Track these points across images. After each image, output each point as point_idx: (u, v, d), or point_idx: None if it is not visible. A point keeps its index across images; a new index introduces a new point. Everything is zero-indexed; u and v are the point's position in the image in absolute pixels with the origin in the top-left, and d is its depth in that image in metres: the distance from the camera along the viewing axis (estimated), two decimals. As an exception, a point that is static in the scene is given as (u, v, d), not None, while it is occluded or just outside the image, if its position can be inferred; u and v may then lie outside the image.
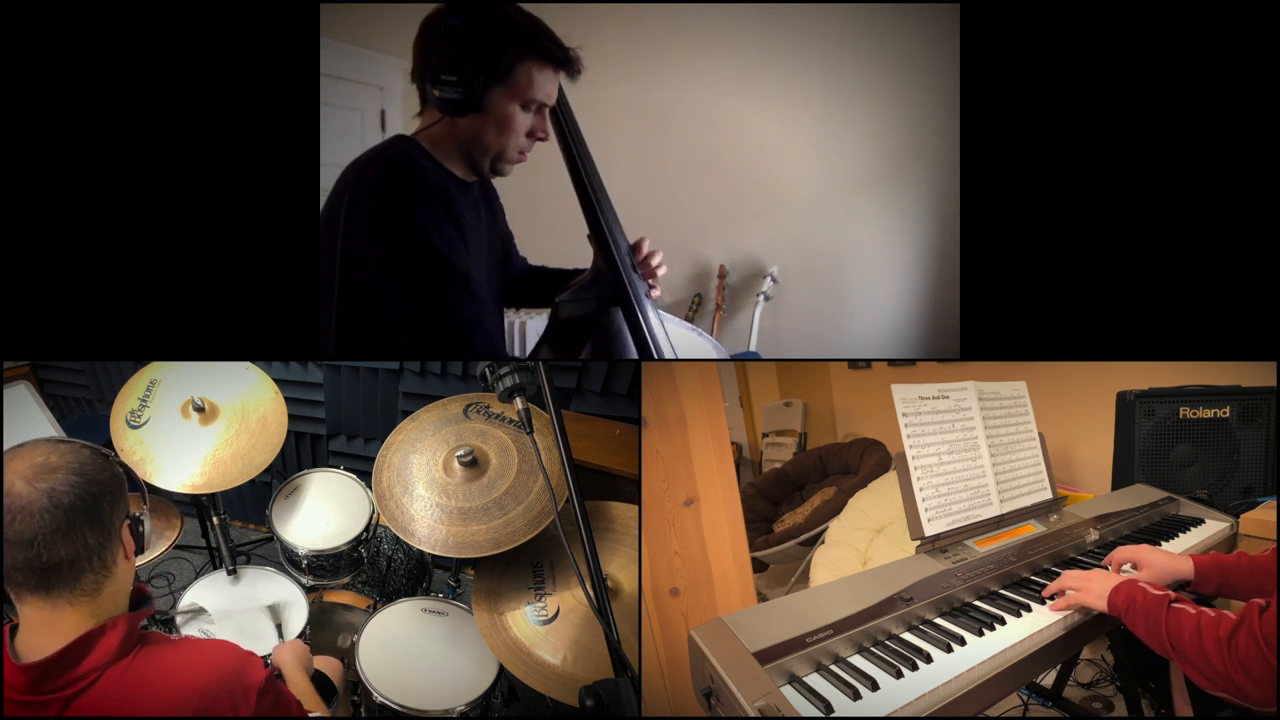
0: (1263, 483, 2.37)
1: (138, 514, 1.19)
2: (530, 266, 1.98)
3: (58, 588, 1.08)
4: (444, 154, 1.59)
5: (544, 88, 1.56)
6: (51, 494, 1.05)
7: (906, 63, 3.34)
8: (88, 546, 1.08)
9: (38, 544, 1.04)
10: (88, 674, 1.07)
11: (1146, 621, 1.31)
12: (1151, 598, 1.33)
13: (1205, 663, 1.21)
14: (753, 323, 3.47)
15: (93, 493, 1.09)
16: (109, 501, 1.11)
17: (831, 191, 3.53)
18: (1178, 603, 1.30)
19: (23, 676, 1.06)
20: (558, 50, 1.55)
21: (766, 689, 1.11)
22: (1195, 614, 1.26)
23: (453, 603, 2.18)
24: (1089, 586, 1.43)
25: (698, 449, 1.81)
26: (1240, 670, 1.16)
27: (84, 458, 1.11)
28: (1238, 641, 1.17)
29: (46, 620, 1.09)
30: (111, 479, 1.13)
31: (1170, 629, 1.27)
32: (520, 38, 1.52)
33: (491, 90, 1.51)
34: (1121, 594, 1.37)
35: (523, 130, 1.58)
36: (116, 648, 1.09)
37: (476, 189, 1.69)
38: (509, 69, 1.51)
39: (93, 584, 1.10)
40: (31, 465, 1.07)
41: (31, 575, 1.06)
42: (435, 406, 2.18)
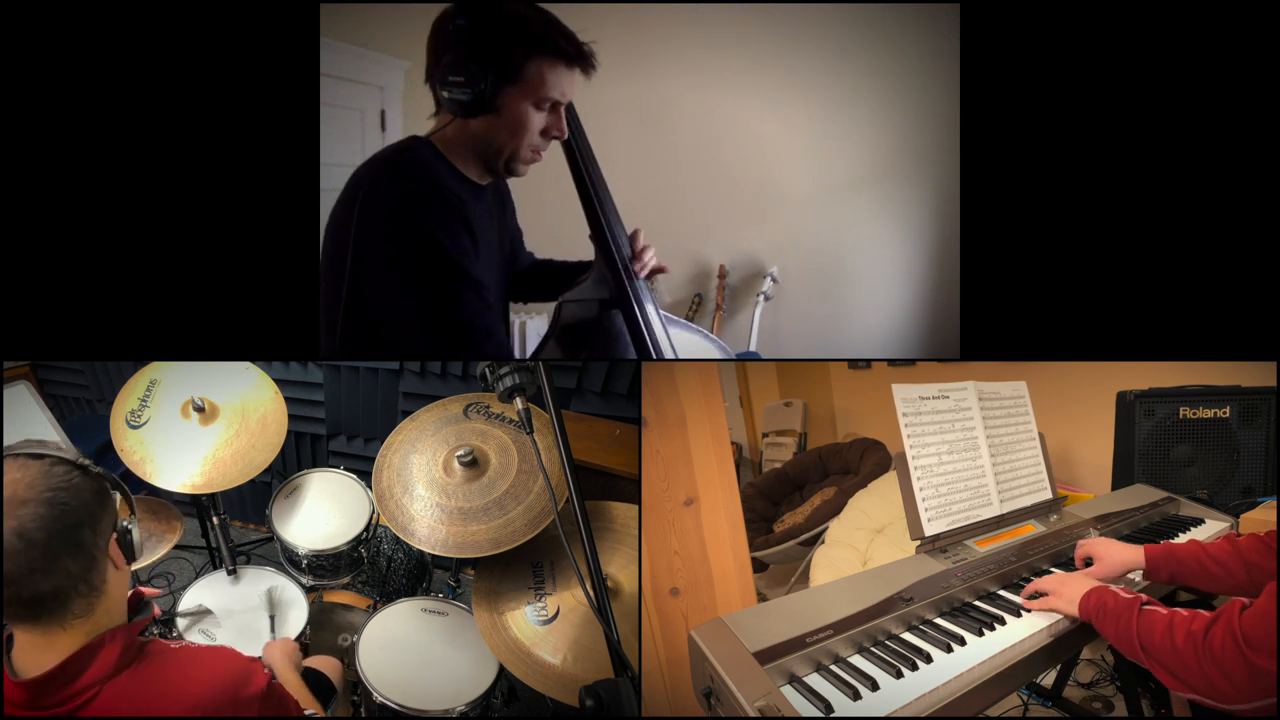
0: (1263, 483, 2.36)
1: (125, 523, 1.12)
2: (536, 260, 1.97)
3: (45, 618, 1.04)
4: (458, 156, 1.58)
5: (558, 85, 1.53)
6: (21, 533, 0.99)
7: (906, 63, 3.34)
8: (70, 575, 1.03)
9: (16, 582, 1.00)
10: (87, 688, 1.05)
11: (1116, 625, 1.28)
12: (1122, 601, 1.30)
13: (1177, 661, 1.17)
14: (753, 323, 3.47)
15: (68, 523, 1.02)
16: (90, 525, 1.05)
17: (831, 191, 3.53)
18: (1149, 605, 1.28)
19: (21, 692, 1.04)
20: (570, 46, 1.52)
21: (766, 689, 1.11)
22: (1168, 614, 1.23)
23: (453, 603, 2.18)
24: (1062, 591, 1.41)
25: (698, 449, 1.81)
26: (1214, 665, 1.12)
27: (55, 481, 1.03)
28: (1213, 636, 1.14)
29: (41, 643, 1.06)
30: (91, 499, 1.06)
31: (1141, 631, 1.24)
32: (530, 35, 1.49)
33: (503, 90, 1.50)
34: (1092, 599, 1.35)
35: (536, 129, 1.56)
36: (115, 661, 1.08)
37: (490, 191, 1.68)
38: (519, 68, 1.49)
39: (84, 607, 1.07)
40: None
41: (18, 608, 1.02)
42: (435, 406, 2.18)
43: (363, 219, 1.46)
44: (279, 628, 2.12)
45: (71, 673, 1.05)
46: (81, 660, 1.06)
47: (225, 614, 2.15)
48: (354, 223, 1.46)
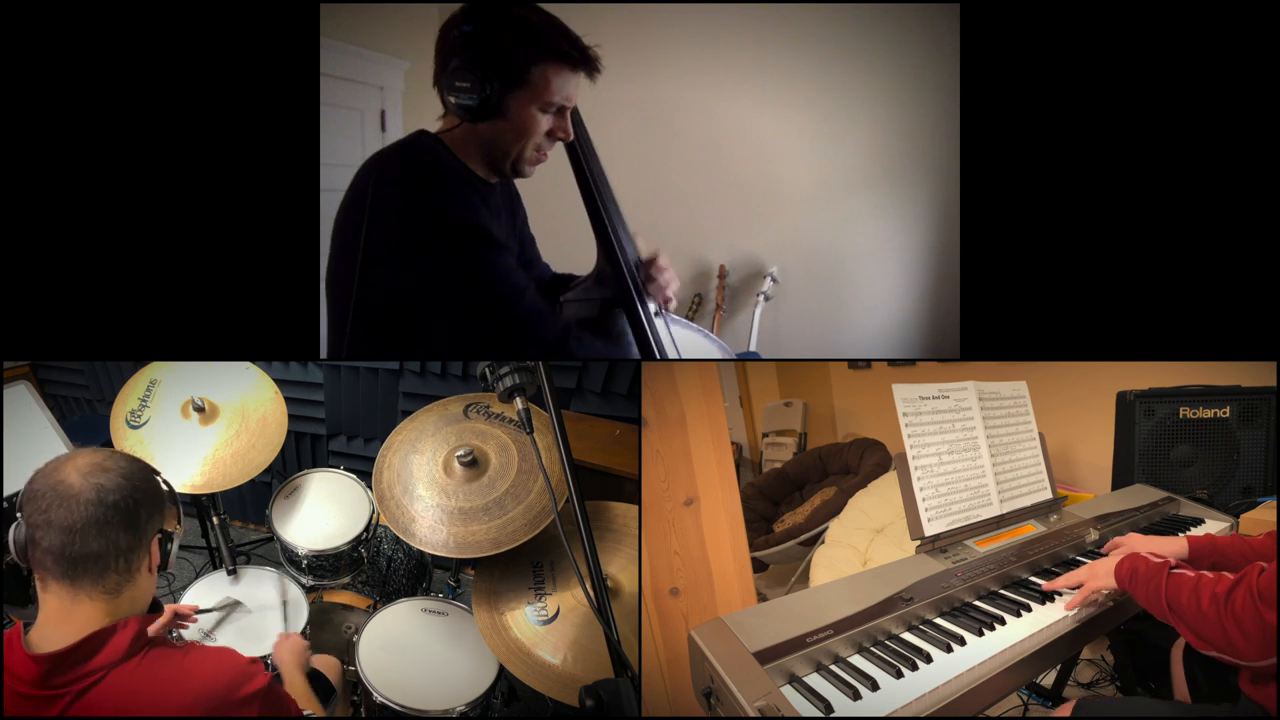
0: (1263, 483, 2.37)
1: (170, 531, 1.25)
2: (555, 274, 1.95)
3: (82, 579, 1.13)
4: (465, 155, 1.59)
5: (562, 89, 1.54)
6: (100, 489, 1.13)
7: (906, 63, 3.33)
8: (118, 546, 1.15)
9: (76, 532, 1.11)
10: (95, 671, 1.11)
11: (1147, 586, 1.38)
12: (1152, 564, 1.40)
13: (1200, 618, 1.28)
14: (753, 323, 3.47)
15: (135, 498, 1.16)
16: (147, 510, 1.19)
17: (831, 191, 3.53)
18: (1177, 568, 1.38)
19: (34, 668, 1.10)
20: (574, 50, 1.53)
21: (766, 689, 1.11)
22: (1195, 576, 1.33)
23: (453, 603, 2.18)
24: (1095, 571, 1.49)
25: (698, 449, 1.81)
26: (1233, 622, 1.23)
27: (135, 468, 1.20)
28: (1235, 596, 1.24)
29: (65, 611, 1.13)
30: (154, 492, 1.21)
31: (1170, 591, 1.33)
32: (535, 40, 1.50)
33: (509, 95, 1.50)
34: (1125, 566, 1.44)
35: (542, 132, 1.57)
36: (126, 647, 1.14)
37: (500, 190, 1.68)
38: (525, 72, 1.50)
39: (115, 583, 1.16)
40: (89, 462, 1.16)
41: (62, 561, 1.12)
42: (435, 406, 2.18)
43: (376, 205, 1.46)
44: (291, 619, 2.12)
45: (85, 653, 1.12)
46: (96, 641, 1.13)
47: (225, 614, 2.15)
48: (367, 211, 1.46)
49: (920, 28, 3.28)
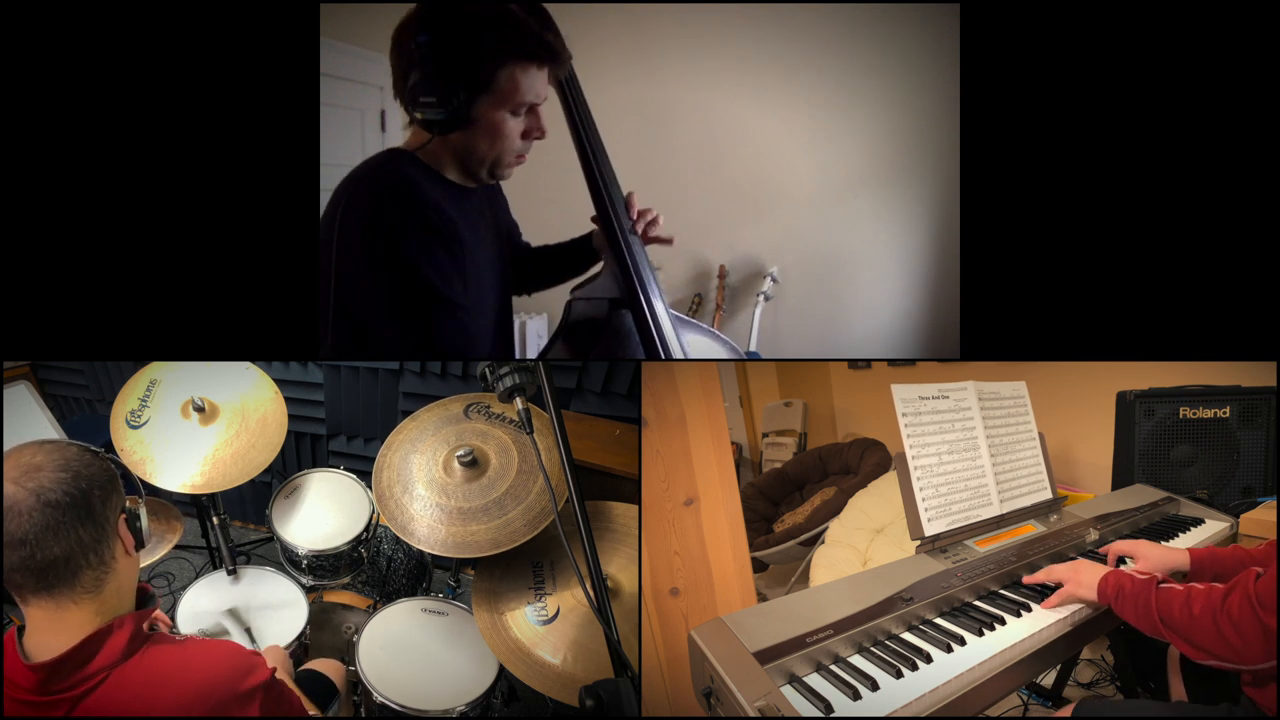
0: (1263, 483, 2.37)
1: (133, 508, 1.18)
2: (532, 249, 1.96)
3: (57, 586, 1.08)
4: (440, 165, 1.56)
5: (531, 89, 1.49)
6: (39, 492, 1.05)
7: (906, 63, 3.34)
8: (81, 542, 1.08)
9: (30, 543, 1.04)
10: (95, 674, 1.08)
11: (1135, 604, 1.36)
12: (1139, 581, 1.38)
13: (1196, 629, 1.26)
14: (753, 323, 3.47)
15: (80, 487, 1.08)
16: (99, 496, 1.11)
17: (831, 191, 3.53)
18: (1164, 583, 1.36)
19: (32, 676, 1.06)
20: (537, 47, 1.47)
21: (766, 689, 1.11)
22: (1184, 589, 1.32)
23: (453, 603, 2.18)
24: (1077, 578, 1.46)
25: (698, 449, 1.81)
26: (1231, 628, 1.22)
27: (70, 455, 1.11)
28: (1231, 602, 1.23)
29: (52, 620, 1.09)
30: (100, 473, 1.13)
31: (1160, 606, 1.32)
32: (495, 42, 1.44)
33: (476, 101, 1.46)
34: (1110, 582, 1.41)
35: (516, 135, 1.53)
36: (124, 647, 1.10)
37: (478, 190, 1.66)
38: (490, 77, 1.45)
39: (93, 581, 1.10)
40: (18, 466, 1.07)
41: (30, 575, 1.06)
42: (435, 406, 2.18)
43: (341, 237, 1.45)
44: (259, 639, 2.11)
45: (83, 656, 1.08)
46: (93, 644, 1.09)
47: (226, 614, 2.15)
48: (335, 235, 1.45)
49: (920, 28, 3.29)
